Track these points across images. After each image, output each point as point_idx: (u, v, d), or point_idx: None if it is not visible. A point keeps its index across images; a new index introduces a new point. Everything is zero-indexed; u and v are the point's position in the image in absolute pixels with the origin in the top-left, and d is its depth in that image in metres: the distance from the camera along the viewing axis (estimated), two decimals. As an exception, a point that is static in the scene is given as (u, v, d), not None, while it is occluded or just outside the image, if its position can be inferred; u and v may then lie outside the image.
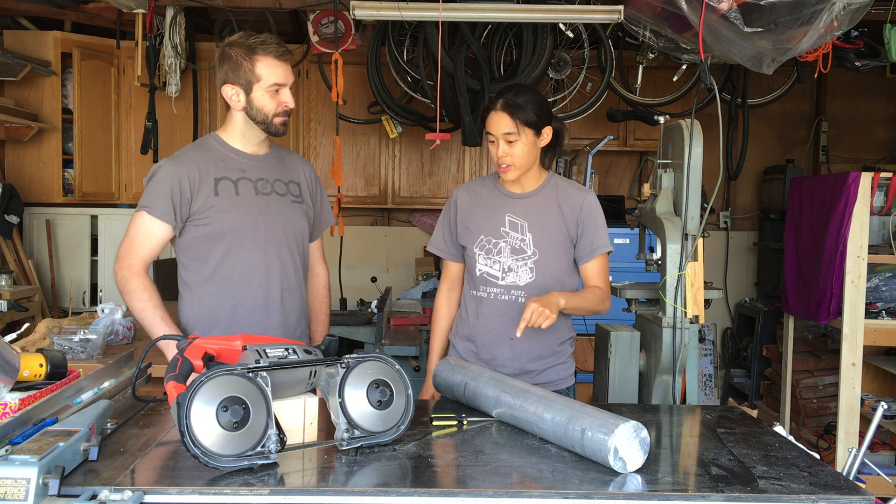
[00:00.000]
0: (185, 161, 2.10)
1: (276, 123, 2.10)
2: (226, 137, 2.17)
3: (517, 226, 2.23)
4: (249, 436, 1.41)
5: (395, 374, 1.64)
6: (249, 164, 2.16)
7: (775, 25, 2.91)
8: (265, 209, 2.14)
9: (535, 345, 2.23)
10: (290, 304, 2.20)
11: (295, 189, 2.24)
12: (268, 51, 2.04)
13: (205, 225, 2.08)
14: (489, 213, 2.27)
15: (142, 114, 5.06)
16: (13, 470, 1.23)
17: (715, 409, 2.11)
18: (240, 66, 2.04)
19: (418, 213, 5.72)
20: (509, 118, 2.13)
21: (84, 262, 5.31)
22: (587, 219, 2.23)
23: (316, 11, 4.58)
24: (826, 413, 4.42)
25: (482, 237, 2.25)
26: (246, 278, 2.12)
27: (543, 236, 2.21)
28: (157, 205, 2.05)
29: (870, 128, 5.75)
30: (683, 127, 2.66)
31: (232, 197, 2.10)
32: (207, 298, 2.12)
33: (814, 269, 3.93)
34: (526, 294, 2.20)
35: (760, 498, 1.36)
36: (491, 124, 2.17)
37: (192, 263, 2.13)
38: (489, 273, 2.24)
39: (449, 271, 2.41)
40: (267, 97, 2.06)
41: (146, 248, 2.06)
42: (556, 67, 4.52)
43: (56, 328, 2.94)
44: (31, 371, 1.75)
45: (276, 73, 2.05)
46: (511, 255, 2.22)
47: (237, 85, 2.06)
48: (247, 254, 2.12)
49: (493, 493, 1.35)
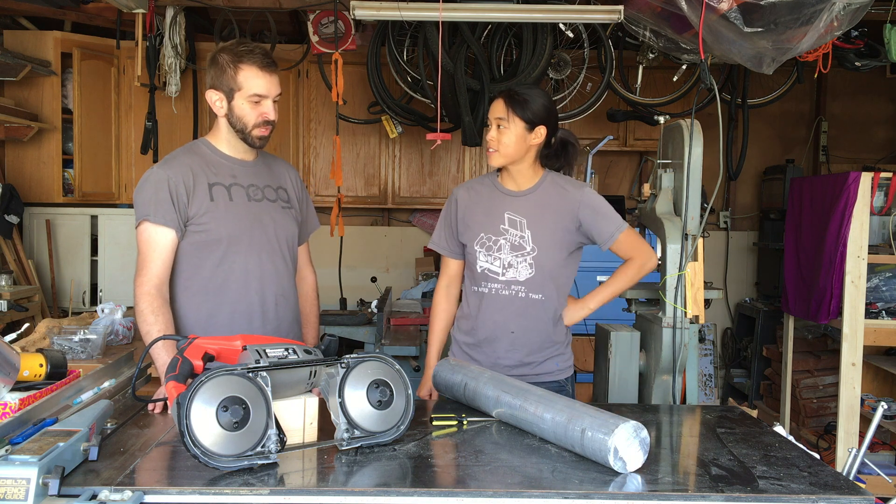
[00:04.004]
0: (178, 165, 2.07)
1: (254, 135, 2.09)
2: (215, 143, 2.16)
3: (516, 223, 2.28)
4: (249, 436, 1.41)
5: (395, 374, 1.65)
6: (240, 170, 2.15)
7: (775, 25, 2.91)
8: (258, 215, 2.13)
9: (534, 337, 2.29)
10: (283, 310, 2.19)
11: (283, 195, 2.24)
12: (252, 60, 2.02)
13: (200, 231, 2.05)
14: (489, 211, 2.32)
15: (142, 114, 5.06)
16: (13, 470, 1.23)
17: (715, 409, 2.11)
18: (224, 73, 2.04)
19: (418, 213, 5.72)
20: (504, 105, 2.23)
21: (84, 262, 5.31)
22: (588, 212, 2.27)
23: (316, 11, 4.58)
24: (826, 413, 4.41)
25: (482, 235, 2.30)
26: (242, 285, 2.10)
27: (542, 233, 2.26)
28: (158, 211, 2.01)
29: (870, 128, 5.74)
30: (683, 127, 2.66)
31: (226, 202, 2.09)
32: (203, 305, 2.09)
33: (814, 269, 3.93)
34: (526, 288, 2.26)
35: (760, 498, 1.36)
36: (490, 110, 2.28)
37: (187, 269, 2.09)
38: (490, 269, 2.29)
39: (448, 268, 2.45)
40: (247, 107, 2.05)
41: (157, 262, 2.01)
42: (556, 67, 4.52)
43: (56, 328, 2.94)
44: (31, 371, 1.75)
45: (258, 84, 2.03)
46: (511, 252, 2.26)
47: (220, 91, 2.06)
48: (242, 260, 2.10)
49: (493, 493, 1.35)
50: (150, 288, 1.98)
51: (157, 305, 1.97)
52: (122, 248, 5.34)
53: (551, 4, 3.87)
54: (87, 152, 5.16)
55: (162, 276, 2.02)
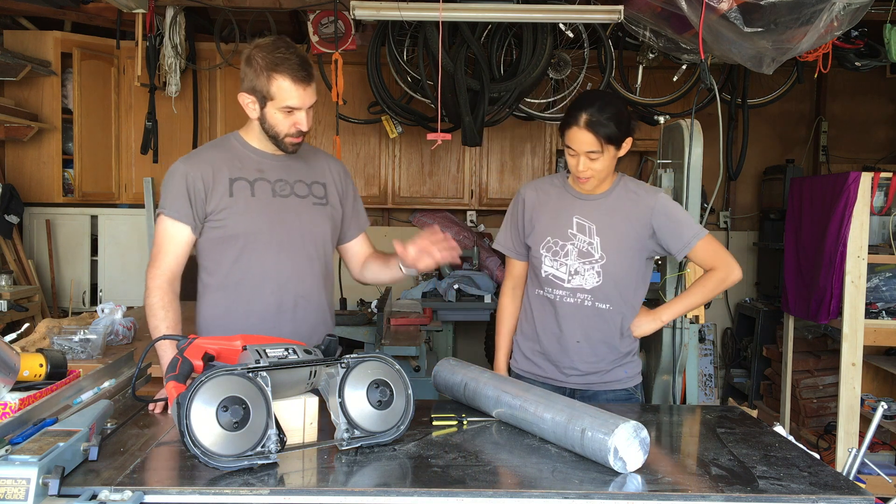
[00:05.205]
0: (199, 161, 2.05)
1: (286, 143, 2.03)
2: (246, 137, 2.11)
3: (585, 228, 2.18)
4: (249, 436, 1.41)
5: (395, 374, 1.64)
6: (269, 165, 2.08)
7: (775, 25, 2.91)
8: (281, 212, 2.06)
9: (601, 348, 2.21)
10: (304, 312, 2.10)
11: (319, 190, 2.14)
12: (286, 72, 1.93)
13: (219, 227, 2.03)
14: (556, 214, 2.22)
15: (142, 114, 5.06)
16: (13, 470, 1.23)
17: (715, 409, 2.11)
18: (257, 78, 1.96)
19: (418, 213, 5.72)
20: (593, 136, 2.07)
21: (84, 262, 5.31)
22: (663, 219, 2.17)
23: (316, 11, 4.58)
24: (826, 413, 4.41)
25: (549, 238, 2.21)
26: (258, 284, 2.05)
27: (612, 240, 2.16)
28: (174, 206, 2.00)
29: (870, 128, 5.74)
30: (683, 127, 2.66)
31: (247, 198, 2.03)
32: (221, 302, 2.07)
33: (814, 269, 3.92)
34: (592, 297, 2.17)
35: (760, 498, 1.36)
36: (572, 139, 2.10)
37: (209, 265, 2.08)
38: (555, 275, 2.20)
39: (514, 269, 2.37)
40: (280, 116, 1.98)
41: (170, 254, 2.00)
42: (556, 67, 4.52)
43: (56, 328, 2.94)
44: (31, 371, 1.75)
45: (291, 96, 1.95)
46: (578, 259, 2.17)
47: (253, 95, 1.99)
48: (259, 258, 2.04)
49: (493, 493, 1.35)
50: (162, 281, 1.98)
51: (167, 300, 1.97)
52: (122, 248, 5.35)
53: (551, 4, 3.87)
54: (87, 152, 5.16)
55: (174, 270, 2.01)
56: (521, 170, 5.44)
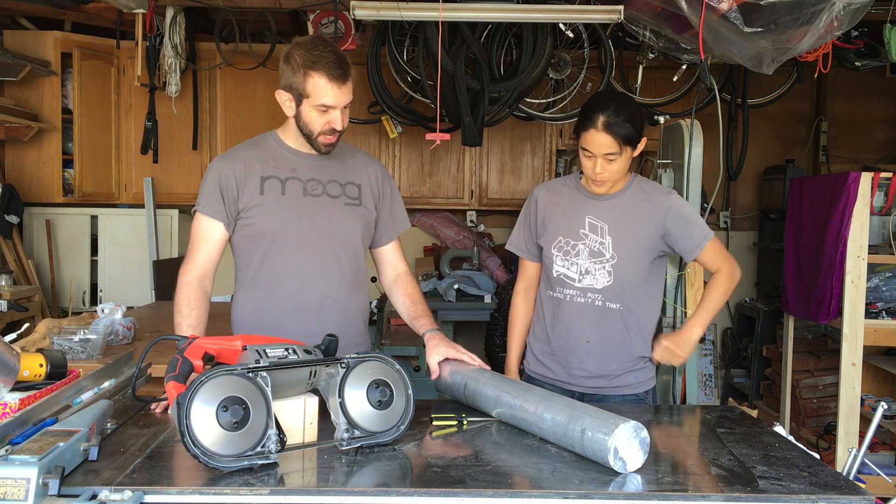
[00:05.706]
0: (233, 158, 2.07)
1: (320, 142, 2.04)
2: (283, 136, 2.12)
3: (597, 228, 2.18)
4: (249, 436, 1.41)
5: (395, 374, 1.64)
6: (303, 164, 2.09)
7: (775, 25, 2.91)
8: (311, 211, 2.06)
9: (611, 349, 2.21)
10: (330, 313, 2.08)
11: (353, 191, 2.14)
12: (323, 70, 1.95)
13: (249, 224, 2.04)
14: (569, 214, 2.23)
15: (142, 114, 5.06)
16: (13, 470, 1.23)
17: (715, 409, 2.11)
18: (294, 75, 1.97)
19: (418, 213, 5.72)
20: (611, 139, 2.06)
21: (84, 262, 5.31)
22: (676, 220, 2.17)
23: (316, 11, 4.57)
24: (826, 413, 4.41)
25: (560, 238, 2.21)
26: (283, 282, 2.05)
27: (623, 240, 2.16)
28: (208, 203, 2.03)
29: (870, 128, 5.74)
30: (683, 127, 2.66)
31: (277, 197, 2.04)
32: (251, 300, 2.08)
33: (814, 269, 3.93)
34: (603, 297, 2.17)
35: (760, 498, 1.36)
36: (590, 141, 2.09)
37: (241, 263, 2.10)
38: (566, 275, 2.20)
39: (526, 271, 2.37)
40: (315, 114, 1.99)
41: (204, 251, 2.02)
42: (556, 67, 4.52)
43: (56, 328, 2.94)
44: (31, 371, 1.75)
45: (326, 95, 1.96)
46: (589, 258, 2.17)
47: (290, 92, 2.00)
48: (285, 257, 2.04)
49: (493, 493, 1.35)
50: (192, 278, 2.00)
51: (193, 298, 1.98)
52: (122, 247, 5.35)
53: (551, 4, 3.87)
54: (87, 152, 5.16)
55: (206, 267, 2.03)
56: (520, 170, 5.44)
